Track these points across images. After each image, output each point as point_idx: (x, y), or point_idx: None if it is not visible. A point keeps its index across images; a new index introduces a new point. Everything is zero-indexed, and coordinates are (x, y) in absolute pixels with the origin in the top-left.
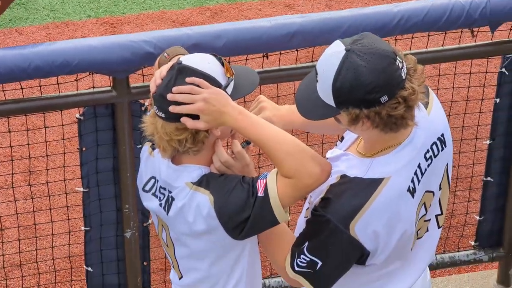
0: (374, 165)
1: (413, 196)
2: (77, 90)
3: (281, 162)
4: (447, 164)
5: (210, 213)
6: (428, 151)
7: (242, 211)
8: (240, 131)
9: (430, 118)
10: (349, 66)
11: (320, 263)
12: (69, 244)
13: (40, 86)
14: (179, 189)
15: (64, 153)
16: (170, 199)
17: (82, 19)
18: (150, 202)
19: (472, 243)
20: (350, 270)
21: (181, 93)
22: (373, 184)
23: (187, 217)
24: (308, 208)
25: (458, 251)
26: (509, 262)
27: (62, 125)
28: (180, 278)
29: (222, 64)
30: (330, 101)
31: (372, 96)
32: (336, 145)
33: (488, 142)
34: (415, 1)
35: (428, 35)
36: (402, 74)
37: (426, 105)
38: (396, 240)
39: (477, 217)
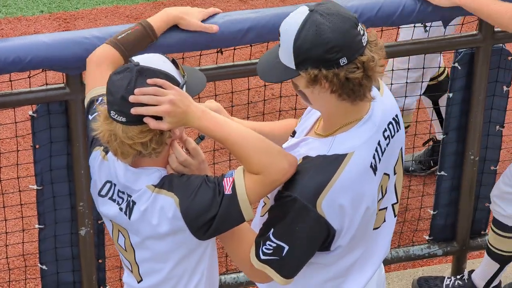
0: (336, 142)
1: (375, 174)
2: (30, 87)
3: (247, 159)
4: (402, 148)
5: (176, 215)
6: (385, 130)
7: (208, 211)
8: (204, 130)
9: (383, 98)
10: (311, 24)
11: (286, 248)
12: (23, 242)
13: None
14: (140, 192)
15: (18, 150)
16: (131, 203)
17: (35, 15)
18: (107, 207)
19: (426, 237)
20: (314, 262)
21: (144, 94)
22: (337, 159)
23: (151, 220)
24: (264, 206)
25: (412, 246)
26: (463, 256)
27: (15, 122)
28: (139, 282)
29: (173, 63)
30: (290, 62)
31: (332, 55)
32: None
33: (441, 136)
34: None
35: (382, 30)
36: (363, 41)
37: (377, 88)
38: (360, 217)
39: (431, 212)
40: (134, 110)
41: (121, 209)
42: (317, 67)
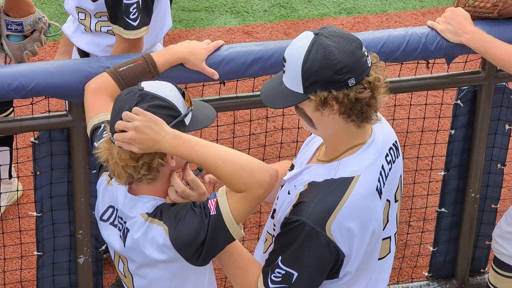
0: (342, 165)
1: (380, 197)
2: (32, 114)
3: (229, 179)
4: (401, 175)
5: (166, 244)
6: (387, 155)
7: (198, 235)
8: (179, 156)
9: (383, 125)
10: (319, 46)
11: (295, 275)
12: (21, 269)
13: None
14: (134, 220)
15: (18, 176)
16: (125, 230)
17: None
18: (107, 232)
19: (426, 274)
20: None
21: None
22: (345, 182)
23: (143, 249)
24: (266, 241)
25: (411, 282)
26: None
27: (16, 149)
28: None
29: (183, 95)
30: (298, 87)
31: (341, 76)
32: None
33: (442, 173)
34: (372, 31)
35: (385, 68)
36: (368, 62)
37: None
38: (368, 240)
39: (431, 248)
40: (114, 136)
41: (120, 235)
42: (327, 89)
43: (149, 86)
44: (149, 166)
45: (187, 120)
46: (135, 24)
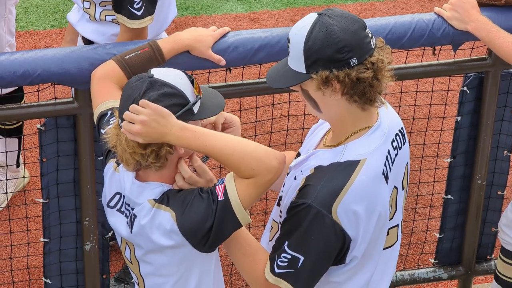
0: (348, 149)
1: (386, 182)
2: (38, 100)
3: (237, 166)
4: (407, 163)
5: (173, 229)
6: (394, 140)
7: (206, 221)
8: (187, 147)
9: (388, 111)
10: (321, 25)
11: (302, 259)
12: (27, 256)
13: (1, 95)
14: (141, 206)
15: (25, 163)
16: (133, 216)
17: (45, 29)
18: (114, 219)
19: (432, 260)
20: (327, 280)
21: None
22: (351, 165)
23: (150, 235)
24: (272, 229)
25: (418, 269)
26: (468, 280)
27: (23, 135)
28: None
29: (192, 82)
30: (301, 66)
31: (343, 55)
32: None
33: (449, 160)
34: (378, 18)
35: (391, 52)
36: (372, 44)
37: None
38: (374, 224)
39: (437, 235)
40: (122, 124)
41: (127, 222)
42: (328, 67)
43: (159, 73)
44: (157, 154)
45: (195, 108)
46: (139, 13)
